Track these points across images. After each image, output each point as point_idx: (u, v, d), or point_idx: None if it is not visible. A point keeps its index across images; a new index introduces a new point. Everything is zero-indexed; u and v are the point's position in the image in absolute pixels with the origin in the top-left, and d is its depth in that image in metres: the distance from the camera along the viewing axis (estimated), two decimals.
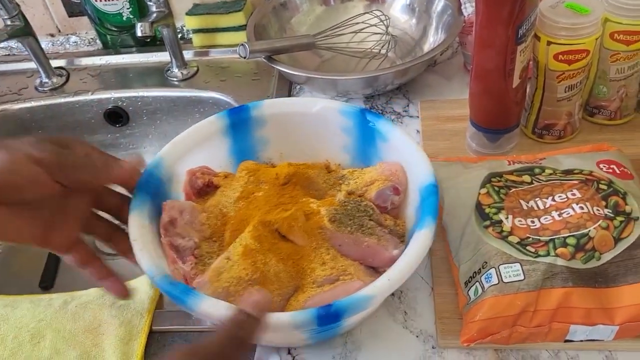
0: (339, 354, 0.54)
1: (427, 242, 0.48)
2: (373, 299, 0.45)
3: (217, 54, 0.97)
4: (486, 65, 0.60)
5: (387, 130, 0.57)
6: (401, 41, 0.90)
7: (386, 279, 0.45)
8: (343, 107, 0.59)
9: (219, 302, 0.45)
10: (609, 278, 0.49)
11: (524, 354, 0.52)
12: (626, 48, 0.63)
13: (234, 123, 0.60)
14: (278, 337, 0.52)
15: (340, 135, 0.60)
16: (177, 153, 0.57)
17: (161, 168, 0.55)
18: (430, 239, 0.48)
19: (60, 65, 0.99)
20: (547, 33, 0.61)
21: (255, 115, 0.60)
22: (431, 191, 0.51)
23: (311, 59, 0.89)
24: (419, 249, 0.47)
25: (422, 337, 0.54)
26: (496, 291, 0.49)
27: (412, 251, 0.47)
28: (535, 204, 0.54)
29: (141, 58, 0.99)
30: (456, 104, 0.76)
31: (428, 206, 0.51)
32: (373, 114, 0.59)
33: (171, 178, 0.57)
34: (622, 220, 0.52)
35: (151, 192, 0.53)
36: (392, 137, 0.57)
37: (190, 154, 0.58)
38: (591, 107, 0.70)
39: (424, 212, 0.50)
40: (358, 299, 0.44)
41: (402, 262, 0.47)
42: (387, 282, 0.45)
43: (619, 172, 0.57)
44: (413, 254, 0.47)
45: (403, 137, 0.57)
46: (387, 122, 0.58)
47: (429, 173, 0.53)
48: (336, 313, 0.43)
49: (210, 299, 0.45)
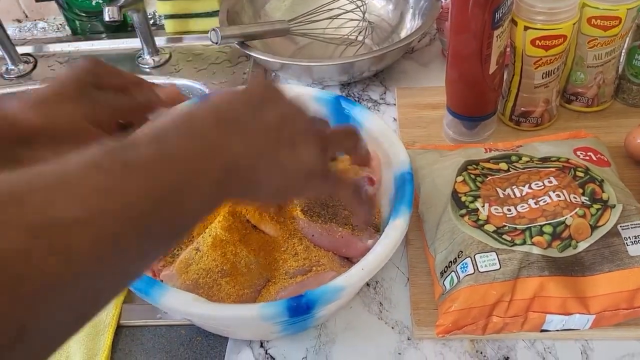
0: (313, 346, 0.52)
1: (401, 232, 0.47)
2: (345, 289, 0.43)
3: (190, 41, 0.94)
4: (463, 50, 0.59)
5: (362, 118, 0.56)
6: (378, 27, 0.88)
7: (359, 268, 0.44)
8: (318, 94, 0.58)
9: (186, 294, 0.43)
10: (585, 267, 0.48)
11: (500, 344, 0.51)
12: (603, 34, 0.62)
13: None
14: (249, 329, 0.51)
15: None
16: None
17: None
18: (404, 228, 0.47)
19: (27, 52, 0.96)
20: (524, 18, 0.60)
21: None
22: (406, 179, 0.50)
23: (287, 45, 0.87)
24: (393, 238, 0.46)
25: (398, 329, 0.53)
26: (472, 281, 0.48)
27: (386, 241, 0.46)
28: (512, 192, 0.53)
29: (112, 44, 0.96)
30: (433, 91, 0.75)
31: (402, 195, 0.49)
32: (348, 101, 0.57)
33: None
34: (598, 208, 0.51)
35: None
36: (367, 125, 0.56)
37: None
38: (568, 94, 0.69)
39: (398, 201, 0.49)
40: (330, 289, 0.43)
41: (376, 251, 0.46)
42: (361, 271, 0.44)
43: (596, 159, 0.57)
44: (387, 244, 0.46)
45: (379, 125, 0.55)
46: (363, 109, 0.56)
47: (405, 161, 0.52)
48: (307, 304, 0.42)
49: (175, 291, 0.43)
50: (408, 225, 0.48)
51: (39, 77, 0.91)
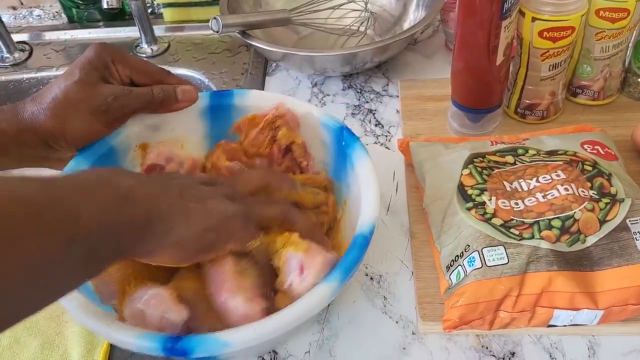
0: (316, 340, 0.51)
1: (320, 303, 0.40)
2: (230, 346, 0.38)
3: (189, 30, 0.93)
4: (470, 41, 0.58)
5: (356, 158, 0.50)
6: (380, 18, 0.87)
7: (252, 328, 0.38)
8: (324, 118, 0.53)
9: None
10: (593, 261, 0.48)
11: (506, 339, 0.50)
12: (611, 26, 0.61)
13: (213, 106, 0.56)
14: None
15: (319, 146, 0.55)
16: (144, 124, 0.54)
17: (117, 136, 0.52)
18: (325, 300, 0.40)
19: (23, 40, 0.94)
20: (532, 9, 0.59)
21: (236, 104, 0.56)
22: (357, 244, 0.43)
23: (288, 35, 0.86)
24: (304, 307, 0.39)
25: (402, 323, 0.52)
26: (479, 275, 0.47)
27: (294, 308, 0.39)
28: (519, 185, 0.53)
29: (109, 33, 0.94)
30: (437, 83, 0.74)
31: (344, 259, 0.42)
32: (351, 134, 0.52)
33: (128, 149, 0.53)
34: (607, 202, 0.50)
35: (95, 157, 0.50)
36: (357, 169, 0.50)
37: (161, 129, 0.55)
38: (574, 87, 0.69)
39: (336, 266, 0.42)
40: (213, 341, 0.38)
41: (279, 315, 0.39)
42: (252, 331, 0.38)
43: (603, 153, 0.56)
44: (293, 312, 0.39)
45: (367, 174, 0.49)
46: (361, 149, 0.50)
47: (368, 224, 0.44)
48: (183, 349, 0.38)
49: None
50: (331, 298, 0.41)
51: (34, 65, 0.89)
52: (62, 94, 0.47)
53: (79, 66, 0.48)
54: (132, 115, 0.52)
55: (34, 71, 0.88)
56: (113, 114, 0.49)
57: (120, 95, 0.49)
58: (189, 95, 0.53)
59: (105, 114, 0.49)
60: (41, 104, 0.47)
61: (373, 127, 0.72)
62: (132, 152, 0.54)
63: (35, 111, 0.47)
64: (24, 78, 0.88)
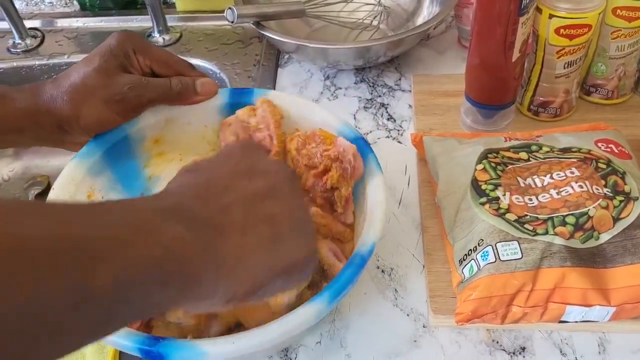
0: (327, 331, 0.52)
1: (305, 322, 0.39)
2: (208, 356, 0.38)
3: (202, 20, 0.92)
4: (487, 37, 0.58)
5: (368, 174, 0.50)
6: (393, 13, 0.87)
7: (231, 341, 0.38)
8: (342, 127, 0.52)
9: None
10: (607, 258, 0.48)
11: (517, 334, 0.50)
12: (628, 25, 0.61)
13: (233, 104, 0.55)
14: None
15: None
16: (161, 116, 0.54)
17: (133, 125, 0.52)
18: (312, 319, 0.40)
19: (35, 26, 0.94)
20: (549, 5, 0.59)
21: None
22: (356, 263, 0.43)
23: (301, 28, 0.86)
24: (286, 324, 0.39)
25: (413, 316, 0.52)
26: (493, 269, 0.47)
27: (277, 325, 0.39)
28: (533, 182, 0.53)
29: (121, 22, 0.94)
30: (450, 79, 0.74)
31: (338, 279, 0.42)
32: (367, 147, 0.51)
33: (142, 139, 0.53)
34: (621, 200, 0.50)
35: (109, 145, 0.50)
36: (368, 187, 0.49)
37: (177, 122, 0.55)
38: (588, 85, 0.69)
39: (329, 284, 0.41)
40: (190, 349, 0.38)
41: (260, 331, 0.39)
42: (230, 345, 0.38)
43: (617, 151, 0.56)
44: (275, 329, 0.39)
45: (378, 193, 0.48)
46: (375, 165, 0.50)
47: (368, 244, 0.44)
48: (160, 354, 0.38)
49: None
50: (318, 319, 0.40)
51: (46, 52, 0.89)
52: (80, 81, 0.47)
53: (100, 53, 0.48)
54: (149, 105, 0.52)
55: (46, 58, 0.88)
56: (128, 104, 0.49)
57: (137, 85, 0.49)
58: (208, 88, 0.53)
59: (121, 103, 0.49)
60: (60, 88, 0.47)
61: (385, 121, 0.72)
62: (146, 143, 0.54)
63: (54, 94, 0.47)
64: (36, 64, 0.88)
